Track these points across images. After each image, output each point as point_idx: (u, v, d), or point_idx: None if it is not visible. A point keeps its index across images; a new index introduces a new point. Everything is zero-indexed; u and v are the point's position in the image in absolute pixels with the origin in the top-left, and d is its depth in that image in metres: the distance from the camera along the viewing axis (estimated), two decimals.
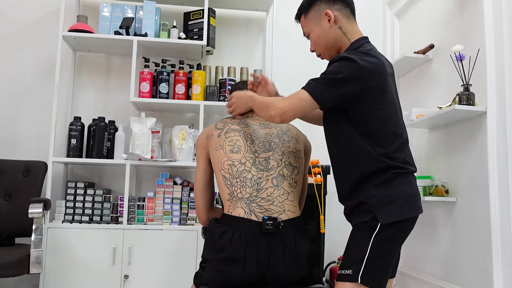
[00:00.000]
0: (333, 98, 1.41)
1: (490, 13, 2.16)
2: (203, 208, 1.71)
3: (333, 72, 1.40)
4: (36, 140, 2.96)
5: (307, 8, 1.61)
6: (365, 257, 1.37)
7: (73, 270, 2.55)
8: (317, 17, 1.57)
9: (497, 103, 2.10)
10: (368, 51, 1.44)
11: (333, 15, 1.54)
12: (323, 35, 1.57)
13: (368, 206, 1.40)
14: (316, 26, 1.58)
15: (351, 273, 1.37)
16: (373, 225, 1.38)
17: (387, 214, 1.38)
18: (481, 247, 2.15)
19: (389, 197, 1.40)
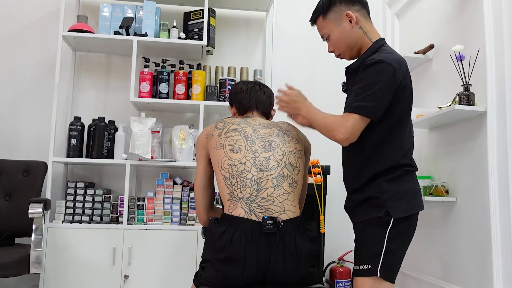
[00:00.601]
0: (383, 107, 1.47)
1: (490, 13, 2.16)
2: (203, 208, 1.71)
3: (373, 83, 1.44)
4: (36, 140, 2.96)
5: (325, 10, 1.62)
6: (382, 251, 1.44)
7: (73, 270, 2.55)
8: (337, 18, 1.60)
9: (497, 103, 2.10)
10: (393, 51, 1.54)
11: (355, 16, 1.58)
12: (345, 36, 1.60)
13: (380, 201, 1.47)
14: (336, 27, 1.61)
15: (370, 268, 1.45)
16: (387, 219, 1.46)
17: (398, 209, 1.46)
18: (481, 247, 2.15)
19: (399, 193, 1.48)
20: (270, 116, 1.86)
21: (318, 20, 1.65)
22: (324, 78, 3.27)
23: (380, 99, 1.44)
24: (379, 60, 1.45)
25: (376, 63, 1.45)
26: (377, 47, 1.57)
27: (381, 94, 1.44)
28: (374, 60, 1.46)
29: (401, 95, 1.50)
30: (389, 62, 1.45)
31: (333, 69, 3.28)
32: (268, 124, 1.71)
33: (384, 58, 1.45)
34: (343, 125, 1.45)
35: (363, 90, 1.45)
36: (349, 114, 1.45)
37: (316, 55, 3.29)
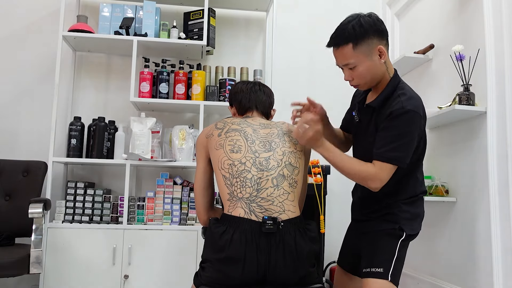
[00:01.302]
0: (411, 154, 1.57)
1: (490, 13, 2.16)
2: (203, 208, 1.71)
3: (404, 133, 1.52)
4: (36, 140, 2.96)
5: (357, 40, 1.56)
6: (394, 258, 1.58)
7: (73, 270, 2.55)
8: (369, 51, 1.57)
9: (497, 103, 2.10)
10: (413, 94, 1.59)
11: (385, 51, 1.59)
12: (373, 70, 1.60)
13: (396, 218, 1.62)
14: (366, 60, 1.58)
15: (382, 271, 1.56)
16: (400, 233, 1.62)
17: (411, 228, 1.64)
18: (481, 247, 2.15)
19: (414, 214, 1.66)
20: (270, 116, 1.86)
21: (346, 47, 1.57)
22: (324, 78, 3.28)
23: (411, 148, 1.55)
24: (409, 110, 1.51)
25: (407, 113, 1.51)
26: (396, 84, 1.62)
27: (412, 144, 1.54)
28: (404, 110, 1.50)
29: (422, 136, 1.63)
30: (417, 110, 1.53)
31: (333, 69, 3.28)
32: (268, 124, 1.71)
33: (412, 107, 1.51)
34: (379, 177, 1.53)
35: (396, 139, 1.52)
36: (384, 164, 1.52)
37: (316, 55, 3.29)
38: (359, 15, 1.60)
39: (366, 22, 1.57)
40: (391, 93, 1.60)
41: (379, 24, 1.60)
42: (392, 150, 1.51)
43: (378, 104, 1.62)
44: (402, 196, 1.63)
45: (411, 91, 1.61)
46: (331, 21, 1.54)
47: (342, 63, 1.61)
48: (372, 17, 1.61)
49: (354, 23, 1.58)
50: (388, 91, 1.61)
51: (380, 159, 1.52)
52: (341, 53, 1.59)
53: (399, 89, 1.60)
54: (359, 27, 1.56)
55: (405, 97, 1.55)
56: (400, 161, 1.52)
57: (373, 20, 1.59)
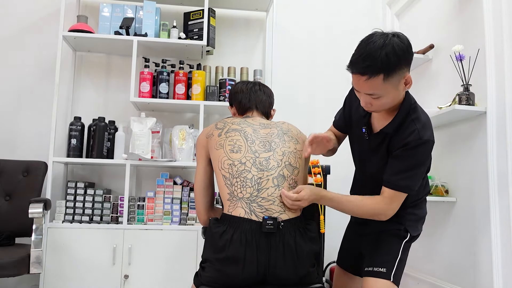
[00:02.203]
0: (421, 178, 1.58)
1: (490, 13, 2.16)
2: (203, 208, 1.71)
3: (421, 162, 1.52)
4: (36, 140, 2.96)
5: (390, 71, 1.38)
6: (397, 259, 1.59)
7: (73, 270, 2.55)
8: (398, 81, 1.43)
9: (497, 103, 2.10)
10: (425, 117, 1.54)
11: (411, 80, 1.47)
12: (396, 99, 1.49)
13: (402, 219, 1.63)
14: (393, 91, 1.44)
15: (384, 271, 1.57)
16: (404, 234, 1.63)
17: (415, 229, 1.66)
18: (481, 247, 2.15)
19: (418, 215, 1.68)
20: (270, 116, 1.86)
21: (376, 78, 1.38)
22: (324, 78, 3.27)
23: (422, 174, 1.56)
24: (426, 140, 1.48)
25: (424, 144, 1.48)
26: (409, 106, 1.53)
27: (424, 170, 1.56)
28: (422, 141, 1.47)
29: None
30: (432, 138, 1.50)
31: (333, 69, 3.29)
32: (268, 124, 1.71)
33: (428, 137, 1.48)
34: (390, 208, 1.53)
35: (410, 169, 1.50)
36: (396, 193, 1.51)
37: (316, 55, 3.29)
38: (390, 39, 1.39)
39: (400, 49, 1.39)
40: (404, 117, 1.52)
41: (410, 49, 1.44)
42: (406, 179, 1.50)
43: (393, 130, 1.53)
44: (408, 201, 1.61)
45: (424, 113, 1.55)
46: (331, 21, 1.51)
47: (367, 92, 1.43)
48: (404, 41, 1.42)
49: (388, 50, 1.37)
50: (402, 116, 1.52)
51: (393, 188, 1.51)
52: (369, 83, 1.40)
53: (412, 112, 1.52)
54: (394, 57, 1.37)
55: (420, 125, 1.49)
56: (412, 189, 1.54)
57: (406, 46, 1.41)
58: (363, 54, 1.38)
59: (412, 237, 1.65)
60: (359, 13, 3.36)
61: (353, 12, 3.37)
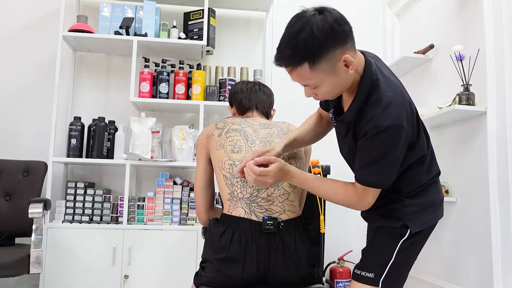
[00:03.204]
0: (398, 168, 1.32)
1: (490, 13, 2.16)
2: (203, 208, 1.71)
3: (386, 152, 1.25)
4: (36, 140, 2.96)
5: (314, 58, 1.20)
6: (389, 262, 1.38)
7: (73, 270, 2.55)
8: (332, 66, 1.22)
9: (497, 103, 2.10)
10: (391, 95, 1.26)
11: (351, 58, 1.23)
12: (340, 84, 1.28)
13: (399, 213, 1.39)
14: (329, 77, 1.25)
15: (372, 277, 1.38)
16: (402, 232, 1.39)
17: (418, 222, 1.39)
18: (481, 247, 2.15)
19: (421, 205, 1.40)
20: (270, 116, 1.86)
21: (300, 68, 1.22)
22: None
23: (395, 165, 1.30)
24: (387, 126, 1.21)
25: (386, 131, 1.22)
26: (369, 84, 1.29)
27: (396, 160, 1.29)
28: (381, 129, 1.22)
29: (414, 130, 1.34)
30: (398, 122, 1.22)
31: None
32: (268, 124, 1.70)
33: (391, 122, 1.21)
34: (364, 201, 1.34)
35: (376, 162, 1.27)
36: (366, 188, 1.31)
37: None
38: (310, 19, 1.20)
39: (321, 30, 1.18)
40: (365, 99, 1.29)
41: (339, 26, 1.20)
42: (373, 174, 1.29)
43: (352, 118, 1.33)
44: (405, 190, 1.39)
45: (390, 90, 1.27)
46: None
47: (300, 83, 1.29)
48: (327, 18, 1.20)
49: (306, 35, 1.18)
50: (360, 99, 1.30)
51: (362, 183, 1.31)
52: (296, 74, 1.25)
53: (374, 91, 1.27)
54: (313, 41, 1.18)
55: (381, 108, 1.23)
56: (383, 184, 1.31)
57: (329, 24, 1.19)
58: (282, 43, 1.25)
59: (414, 234, 1.39)
60: (359, 13, 3.36)
61: (353, 12, 3.36)
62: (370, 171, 1.29)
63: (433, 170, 1.44)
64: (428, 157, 1.42)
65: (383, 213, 1.43)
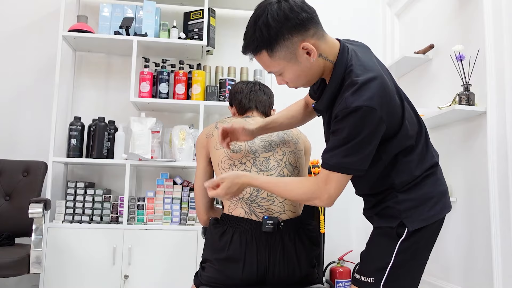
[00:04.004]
0: (370, 156, 1.23)
1: (490, 13, 2.16)
2: (203, 208, 1.71)
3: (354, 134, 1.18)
4: (36, 140, 2.96)
5: (271, 45, 1.22)
6: (388, 266, 1.28)
7: (73, 270, 2.55)
8: (291, 53, 1.23)
9: (497, 103, 2.10)
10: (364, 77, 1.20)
11: (312, 46, 1.22)
12: (305, 73, 1.28)
13: (394, 211, 1.30)
14: (291, 65, 1.25)
15: (372, 282, 1.30)
16: (399, 232, 1.29)
17: (416, 219, 1.28)
18: (481, 247, 2.15)
19: (418, 199, 1.30)
20: None
21: (261, 56, 1.26)
22: None
23: (365, 151, 1.20)
24: (356, 107, 1.16)
25: (354, 112, 1.16)
26: (343, 70, 1.26)
27: (367, 146, 1.20)
28: (349, 110, 1.16)
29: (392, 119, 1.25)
30: (368, 104, 1.16)
31: None
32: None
33: (361, 102, 1.16)
34: (324, 190, 1.24)
35: (343, 143, 1.20)
36: (330, 174, 1.22)
37: None
38: (267, 7, 1.22)
39: (275, 19, 1.20)
40: (338, 87, 1.26)
41: (294, 13, 1.20)
42: (337, 156, 1.21)
43: (325, 107, 1.32)
44: (398, 184, 1.30)
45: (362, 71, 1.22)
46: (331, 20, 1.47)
47: (267, 70, 1.32)
48: (283, 6, 1.20)
49: (261, 23, 1.21)
50: (333, 86, 1.27)
51: (324, 166, 1.24)
52: (259, 61, 1.29)
53: (347, 77, 1.23)
54: (267, 30, 1.20)
55: (352, 90, 1.18)
56: (349, 168, 1.21)
57: (283, 13, 1.20)
58: (245, 31, 1.28)
59: (412, 232, 1.28)
60: (359, 13, 3.36)
61: (353, 12, 3.36)
62: (334, 153, 1.21)
63: (427, 161, 1.33)
64: (418, 147, 1.32)
65: (378, 212, 1.36)
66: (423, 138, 1.35)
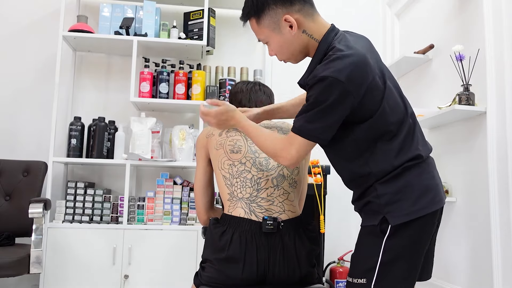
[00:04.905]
0: (333, 128, 1.27)
1: (490, 13, 2.16)
2: (203, 208, 1.71)
3: (319, 101, 1.23)
4: (36, 140, 2.96)
5: (258, 13, 1.36)
6: (377, 265, 1.24)
7: (73, 270, 2.55)
8: (275, 23, 1.34)
9: (497, 103, 2.10)
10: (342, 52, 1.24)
11: (294, 20, 1.32)
12: (287, 44, 1.37)
13: (376, 206, 1.28)
14: (275, 35, 1.36)
15: (364, 282, 1.26)
16: (383, 228, 1.25)
17: (398, 214, 1.24)
18: (481, 247, 2.15)
19: (398, 192, 1.26)
20: None
21: (251, 22, 1.41)
22: None
23: (324, 119, 1.24)
24: (322, 77, 1.21)
25: (321, 81, 1.22)
26: (325, 48, 1.32)
27: (329, 116, 1.24)
28: (316, 79, 1.23)
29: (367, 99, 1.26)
30: (335, 75, 1.20)
31: None
32: (268, 124, 1.71)
33: (329, 73, 1.21)
34: (288, 151, 1.30)
35: (307, 109, 1.26)
36: (295, 137, 1.28)
37: None
38: None
39: None
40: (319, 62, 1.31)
41: None
42: (301, 120, 1.27)
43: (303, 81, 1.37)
44: (376, 173, 1.29)
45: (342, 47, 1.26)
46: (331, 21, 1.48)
47: (256, 38, 1.44)
48: None
49: None
50: (315, 62, 1.34)
51: (292, 129, 1.30)
52: (251, 28, 1.42)
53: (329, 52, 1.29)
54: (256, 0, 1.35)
55: (325, 62, 1.25)
56: (310, 134, 1.26)
57: None
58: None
59: (396, 228, 1.24)
60: (359, 13, 3.36)
61: (353, 12, 3.36)
62: (300, 117, 1.28)
63: (409, 152, 1.29)
64: (399, 137, 1.29)
65: (362, 208, 1.35)
66: (407, 128, 1.31)
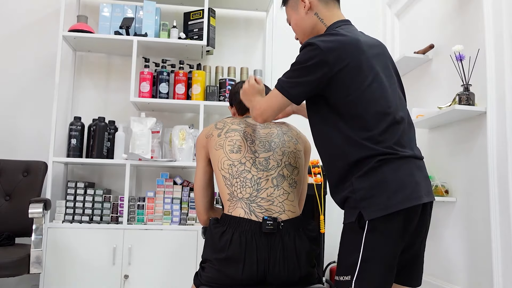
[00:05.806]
0: (303, 89, 1.38)
1: (490, 13, 2.16)
2: (203, 208, 1.71)
3: (298, 62, 1.39)
4: (36, 140, 2.96)
5: None
6: (358, 261, 1.25)
7: (73, 270, 2.55)
8: (295, 4, 1.55)
9: (497, 103, 2.10)
10: (335, 31, 1.41)
11: (308, 1, 1.51)
12: (300, 23, 1.56)
13: (353, 201, 1.29)
14: (294, 14, 1.57)
15: (349, 279, 1.27)
16: (361, 224, 1.26)
17: (373, 209, 1.25)
18: (481, 247, 2.15)
19: (374, 188, 1.26)
20: None
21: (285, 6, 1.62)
22: None
23: (299, 77, 1.37)
24: (308, 43, 1.38)
25: (305, 47, 1.38)
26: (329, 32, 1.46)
27: (302, 78, 1.36)
28: (304, 44, 1.40)
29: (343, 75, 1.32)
30: (318, 44, 1.34)
31: None
32: (268, 124, 1.71)
33: (313, 41, 1.36)
34: (259, 102, 1.46)
35: (290, 68, 1.42)
36: (272, 90, 1.43)
37: None
38: None
39: None
40: None
41: None
42: (282, 76, 1.42)
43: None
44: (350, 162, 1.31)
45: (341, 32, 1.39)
46: None
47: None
48: None
49: None
50: None
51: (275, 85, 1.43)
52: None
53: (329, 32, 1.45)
54: None
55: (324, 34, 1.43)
56: (283, 87, 1.39)
57: None
58: None
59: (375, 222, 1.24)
60: (359, 13, 3.37)
61: (353, 12, 3.36)
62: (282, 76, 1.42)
63: (386, 145, 1.29)
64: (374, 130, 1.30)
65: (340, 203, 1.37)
66: (388, 124, 1.31)
